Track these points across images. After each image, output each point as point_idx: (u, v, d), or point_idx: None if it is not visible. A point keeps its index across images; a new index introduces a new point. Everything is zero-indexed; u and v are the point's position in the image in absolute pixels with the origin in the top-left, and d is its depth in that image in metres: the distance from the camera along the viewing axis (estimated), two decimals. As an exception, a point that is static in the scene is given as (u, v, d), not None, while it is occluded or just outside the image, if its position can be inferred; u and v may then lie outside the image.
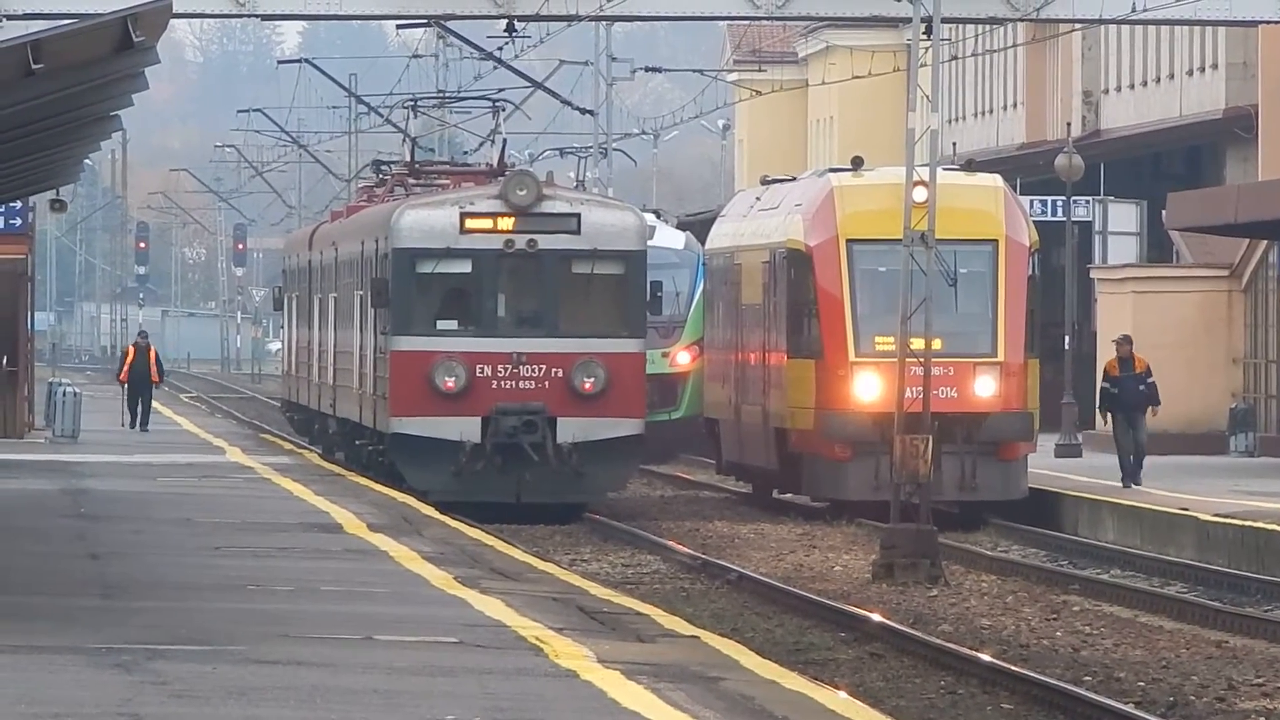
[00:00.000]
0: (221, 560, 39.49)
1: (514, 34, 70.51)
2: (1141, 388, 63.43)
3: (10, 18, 55.00)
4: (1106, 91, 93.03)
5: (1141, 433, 63.07)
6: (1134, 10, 63.11)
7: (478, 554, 42.44)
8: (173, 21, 42.22)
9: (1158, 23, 69.58)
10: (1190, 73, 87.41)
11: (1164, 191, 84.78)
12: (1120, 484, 61.98)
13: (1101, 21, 73.18)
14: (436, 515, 51.37)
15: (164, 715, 22.62)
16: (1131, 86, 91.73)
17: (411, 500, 55.25)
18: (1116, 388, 64.47)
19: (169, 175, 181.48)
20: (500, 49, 78.01)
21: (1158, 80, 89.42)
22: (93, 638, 28.38)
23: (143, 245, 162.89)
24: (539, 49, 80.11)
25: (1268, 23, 65.30)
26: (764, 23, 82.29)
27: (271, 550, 41.48)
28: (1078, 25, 78.43)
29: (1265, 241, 78.64)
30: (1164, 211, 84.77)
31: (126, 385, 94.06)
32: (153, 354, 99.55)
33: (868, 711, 26.07)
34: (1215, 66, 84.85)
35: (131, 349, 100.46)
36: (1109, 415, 66.46)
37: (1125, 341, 68.17)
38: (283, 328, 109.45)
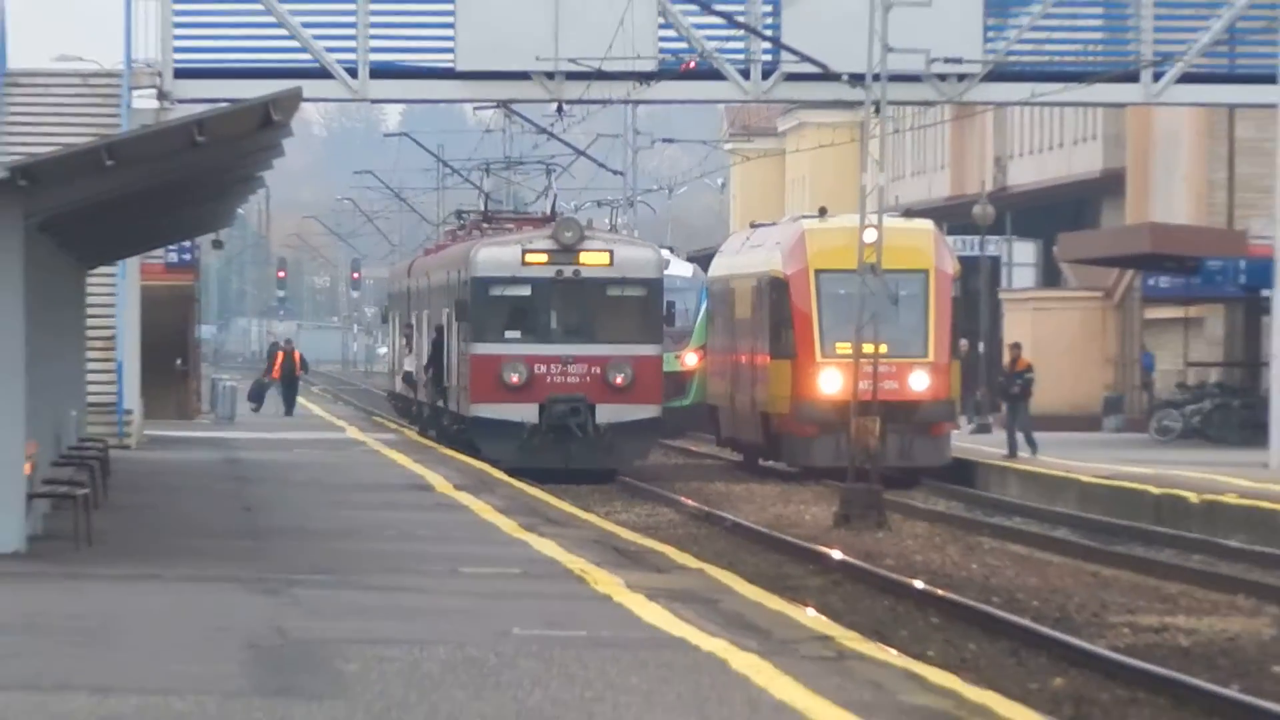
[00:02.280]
0: (342, 512, 39.47)
1: (562, 113, 70.30)
2: (1019, 382, 63.62)
3: (180, 101, 54.90)
4: (1012, 156, 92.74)
5: (1020, 416, 63.28)
6: (1031, 95, 63.15)
7: (536, 507, 42.41)
8: (302, 103, 42.18)
9: (1049, 104, 69.27)
10: (1075, 142, 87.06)
11: (1055, 232, 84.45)
12: (1006, 454, 62.27)
13: (1007, 104, 73.09)
14: (505, 478, 51.25)
15: (302, 628, 22.79)
16: (1031, 153, 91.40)
17: (486, 467, 55.09)
18: (1005, 381, 64.69)
19: (302, 221, 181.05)
20: (552, 124, 77.66)
21: (1050, 148, 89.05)
22: (246, 570, 28.43)
23: (282, 274, 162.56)
24: (581, 124, 79.77)
25: (1132, 104, 65.18)
26: (751, 104, 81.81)
27: (379, 505, 41.44)
28: (990, 106, 78.11)
29: (1130, 270, 78.39)
30: (1055, 248, 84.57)
31: (279, 380, 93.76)
32: (297, 356, 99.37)
33: (830, 624, 26.12)
34: (1094, 137, 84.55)
35: (280, 353, 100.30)
36: (1002, 402, 67.27)
37: (1014, 348, 68.51)
38: (388, 337, 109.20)
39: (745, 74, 59.91)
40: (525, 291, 63.33)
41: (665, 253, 74.84)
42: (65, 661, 19.85)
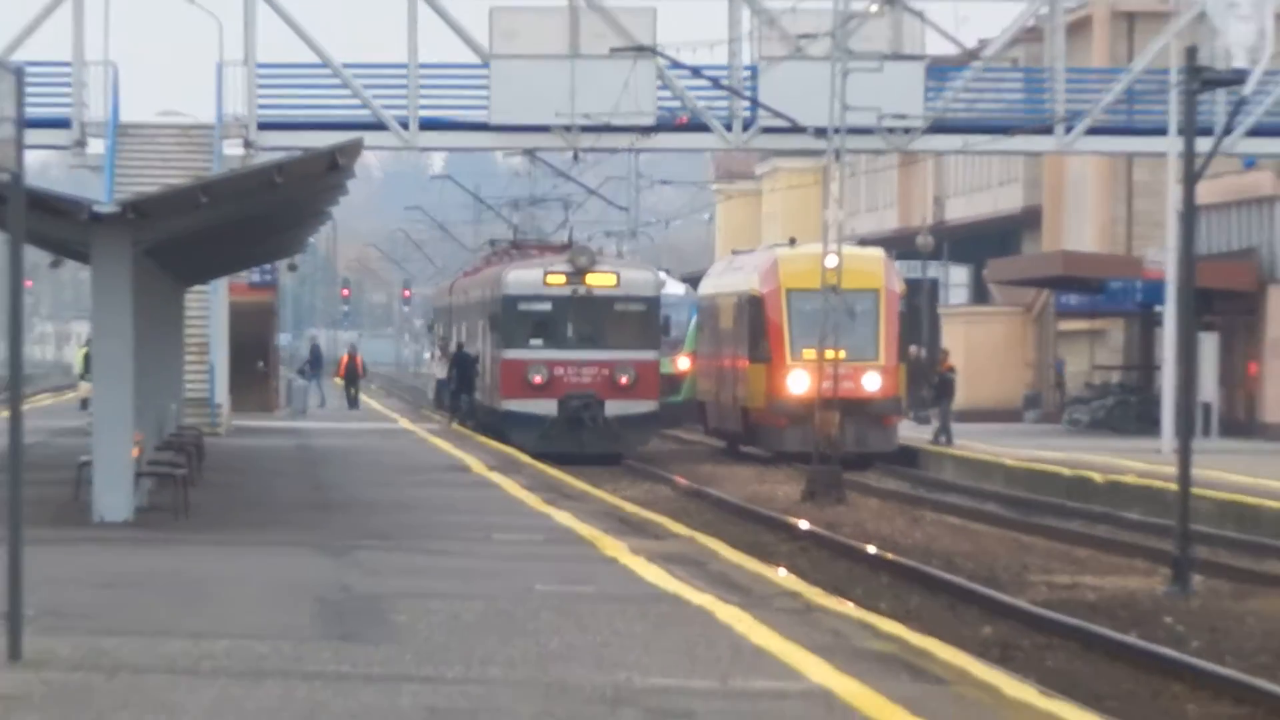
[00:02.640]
0: (394, 488, 39.38)
1: (577, 159, 70.28)
2: (939, 380, 63.69)
3: (263, 149, 54.87)
4: (948, 196, 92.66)
5: (943, 411, 63.38)
6: (964, 145, 63.17)
7: (555, 485, 42.34)
8: (362, 151, 42.20)
9: (979, 153, 69.21)
10: (1001, 184, 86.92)
11: (984, 258, 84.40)
12: (932, 441, 62.35)
13: (944, 152, 73.16)
14: (529, 461, 51.17)
15: (362, 584, 22.75)
16: (964, 192, 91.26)
17: (514, 452, 54.99)
18: (936, 380, 64.69)
19: (362, 248, 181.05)
20: (569, 168, 77.64)
21: (980, 189, 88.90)
22: (315, 536, 28.39)
23: (345, 292, 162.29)
24: (593, 168, 79.77)
25: (1047, 153, 65.11)
26: (734, 152, 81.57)
27: (426, 483, 41.35)
28: (930, 154, 78.05)
29: (1046, 290, 78.32)
30: (984, 271, 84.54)
31: (344, 381, 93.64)
32: (359, 359, 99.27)
33: (798, 582, 26.05)
34: (1016, 180, 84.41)
35: (345, 357, 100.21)
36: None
37: (943, 353, 68.77)
38: (433, 344, 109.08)
39: (728, 127, 59.86)
40: (546, 307, 63.20)
41: (662, 275, 74.68)
42: (166, 612, 19.93)
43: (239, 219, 36.59)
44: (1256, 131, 55.52)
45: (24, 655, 15.41)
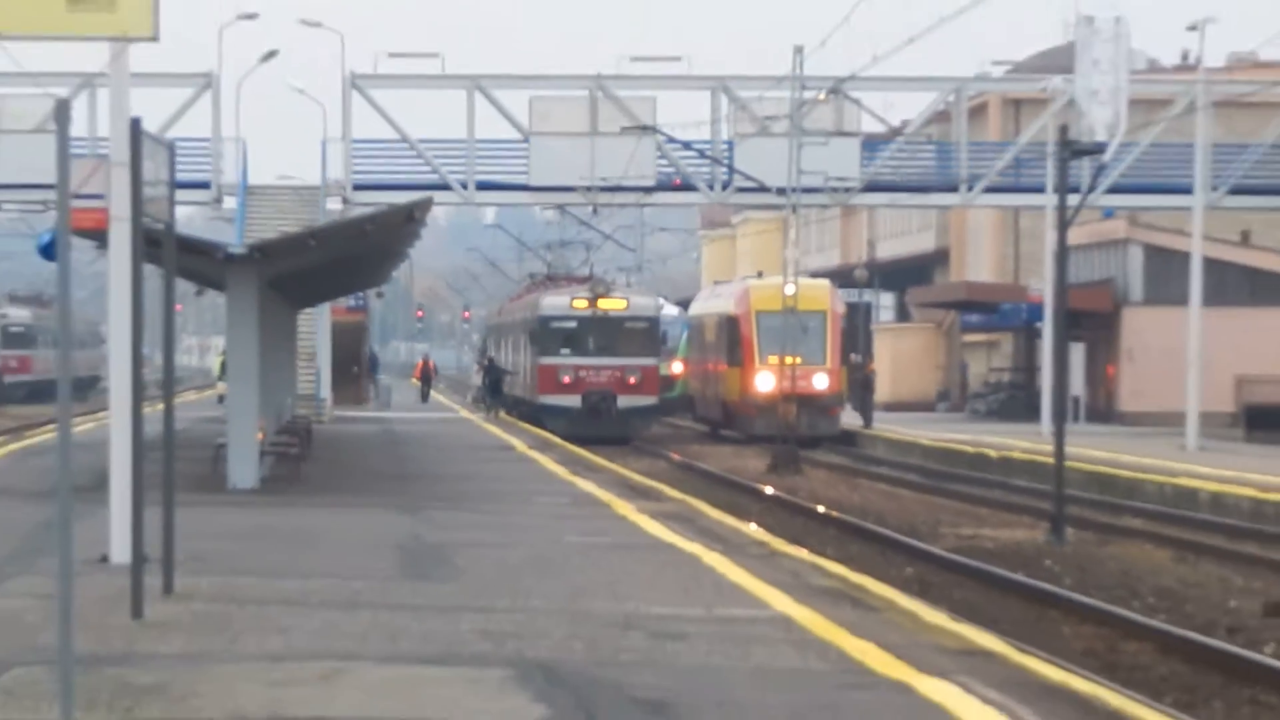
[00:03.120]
0: (455, 463, 39.28)
1: (595, 212, 70.11)
2: (862, 378, 63.56)
3: (356, 204, 54.85)
4: (879, 239, 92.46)
5: (866, 403, 63.27)
6: (891, 201, 63.18)
7: (579, 460, 42.28)
8: (432, 206, 42.19)
9: (902, 206, 68.98)
10: (919, 230, 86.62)
11: (906, 287, 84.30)
12: (863, 425, 62.25)
13: (875, 206, 73.10)
14: (560, 442, 51.07)
15: (431, 536, 22.68)
16: (891, 236, 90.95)
17: (548, 435, 54.91)
18: (859, 378, 64.24)
19: (432, 280, 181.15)
20: (589, 218, 77.65)
21: (904, 233, 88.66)
22: (396, 499, 28.35)
23: (420, 314, 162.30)
24: (609, 218, 79.67)
25: (953, 206, 64.94)
26: (715, 206, 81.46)
27: (480, 459, 41.24)
28: (865, 207, 77.99)
29: (953, 311, 78.20)
30: (906, 297, 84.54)
31: (420, 381, 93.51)
32: (431, 364, 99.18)
33: (765, 534, 26.01)
34: (931, 227, 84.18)
35: (421, 362, 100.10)
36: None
37: (867, 358, 68.72)
38: (477, 359, 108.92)
39: (711, 187, 59.69)
40: (573, 324, 63.03)
41: (660, 300, 74.63)
42: (282, 557, 19.99)
43: (338, 258, 36.60)
44: (1113, 190, 55.36)
45: (175, 590, 15.44)
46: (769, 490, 41.19)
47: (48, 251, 22.98)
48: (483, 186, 59.80)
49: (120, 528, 16.77)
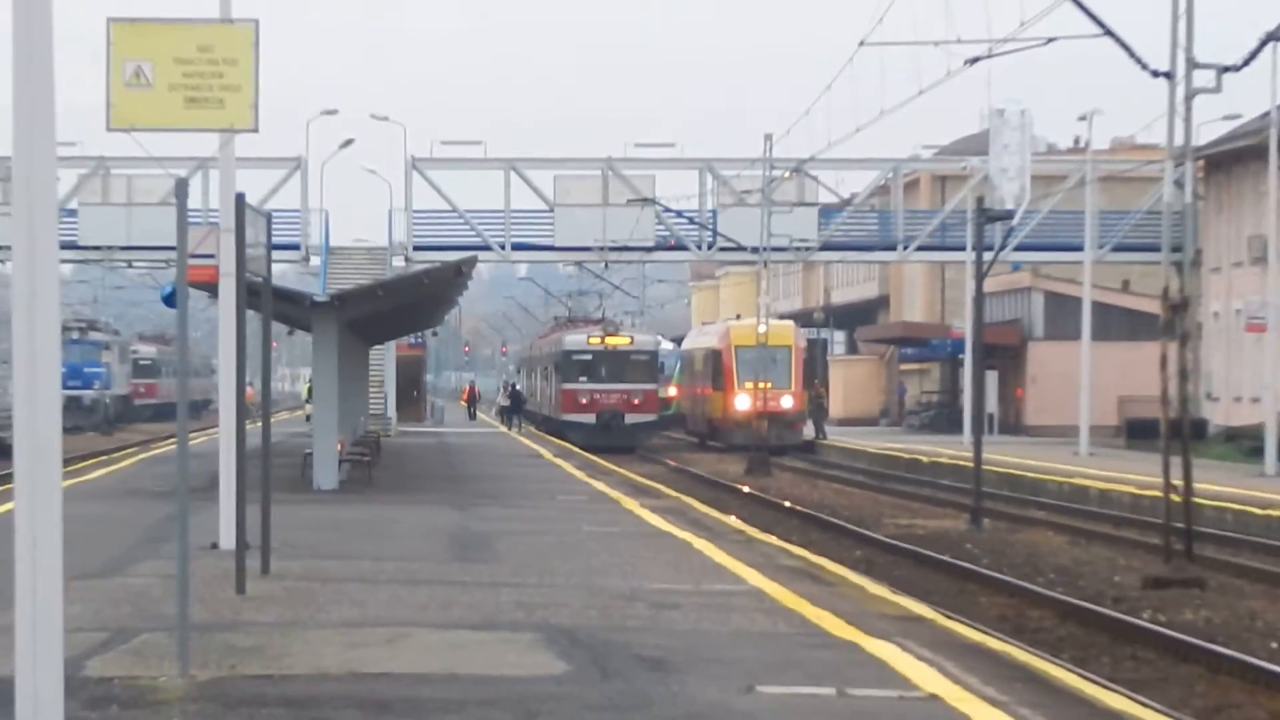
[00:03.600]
0: (494, 467, 39.13)
1: (606, 267, 69.93)
2: (815, 399, 63.19)
3: (416, 262, 54.79)
4: (834, 287, 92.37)
5: (819, 420, 62.74)
6: (843, 258, 63.13)
7: (593, 466, 42.14)
8: (476, 263, 42.26)
9: (852, 261, 68.95)
10: (864, 280, 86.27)
11: (854, 326, 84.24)
12: (819, 437, 62.01)
13: (830, 261, 72.99)
14: (579, 451, 50.90)
15: (476, 526, 22.55)
16: (843, 285, 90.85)
17: (570, 446, 54.84)
18: (814, 399, 63.72)
19: (477, 321, 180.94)
20: (602, 272, 77.55)
21: (853, 283, 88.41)
22: (447, 497, 28.34)
23: (466, 349, 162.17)
24: (617, 272, 79.50)
25: (892, 262, 64.82)
26: (702, 262, 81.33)
27: (513, 464, 41.09)
28: (823, 263, 77.91)
29: (892, 345, 78.07)
30: (854, 334, 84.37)
31: (467, 402, 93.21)
32: (476, 389, 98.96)
33: (743, 525, 25.82)
34: (874, 278, 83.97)
35: (467, 387, 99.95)
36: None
37: (821, 383, 68.55)
38: (502, 386, 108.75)
39: (699, 247, 59.75)
40: (589, 357, 62.69)
41: (659, 337, 74.58)
42: (356, 543, 19.91)
43: (401, 305, 36.65)
44: (1019, 248, 55.41)
45: (271, 571, 15.41)
46: (745, 489, 41.04)
47: (169, 300, 22.95)
48: (517, 247, 59.98)
49: (227, 520, 16.77)
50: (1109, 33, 22.76)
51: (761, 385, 53.81)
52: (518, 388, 79.66)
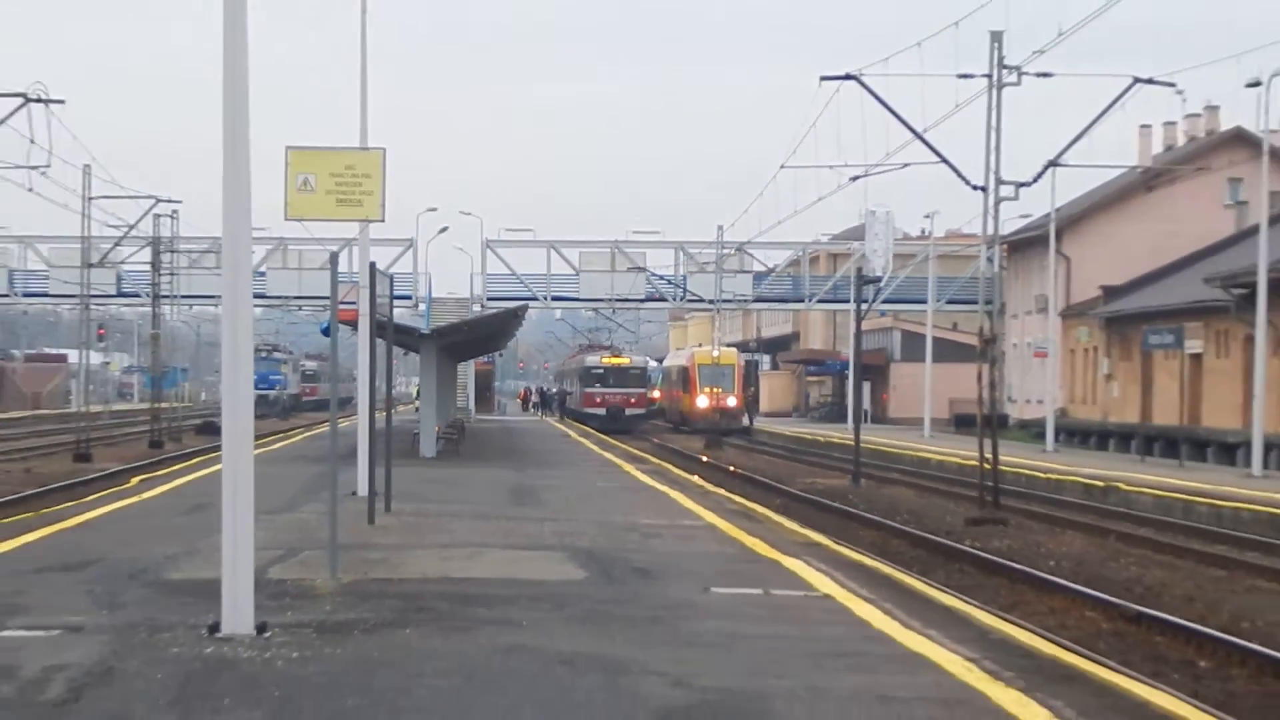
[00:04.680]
0: (538, 443, 38.72)
1: (613, 311, 69.74)
2: (748, 400, 62.87)
3: (488, 309, 54.62)
4: (763, 326, 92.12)
5: (751, 414, 61.43)
6: (769, 307, 63.22)
7: (604, 442, 41.84)
8: (528, 309, 42.02)
9: (775, 309, 68.75)
10: (783, 322, 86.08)
11: (776, 352, 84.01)
12: (748, 425, 61.59)
13: (760, 309, 72.77)
14: (594, 432, 50.56)
15: (527, 482, 22.25)
16: (770, 325, 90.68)
17: (588, 429, 54.55)
18: (749, 400, 63.30)
19: (528, 346, 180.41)
20: (612, 315, 77.33)
21: (776, 323, 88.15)
22: (507, 463, 27.98)
23: (521, 365, 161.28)
24: (620, 315, 79.26)
25: (802, 309, 64.77)
26: (676, 308, 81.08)
27: (551, 441, 40.78)
28: (756, 310, 77.78)
29: (801, 364, 77.85)
30: (777, 357, 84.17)
31: (522, 401, 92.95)
32: (530, 391, 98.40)
33: (703, 481, 25.77)
34: (790, 320, 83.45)
35: (523, 391, 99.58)
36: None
37: (752, 390, 68.08)
38: (534, 391, 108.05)
39: (674, 300, 59.72)
40: (601, 371, 62.32)
41: (647, 358, 74.31)
42: (447, 492, 19.63)
43: (478, 336, 36.57)
44: (885, 301, 55.40)
45: (391, 510, 15.25)
46: (704, 458, 40.73)
47: (326, 331, 22.93)
48: (554, 298, 59.96)
49: (362, 476, 16.71)
50: (945, 160, 22.83)
51: (715, 390, 53.79)
52: (545, 390, 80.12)
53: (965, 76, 21.90)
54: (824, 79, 22.96)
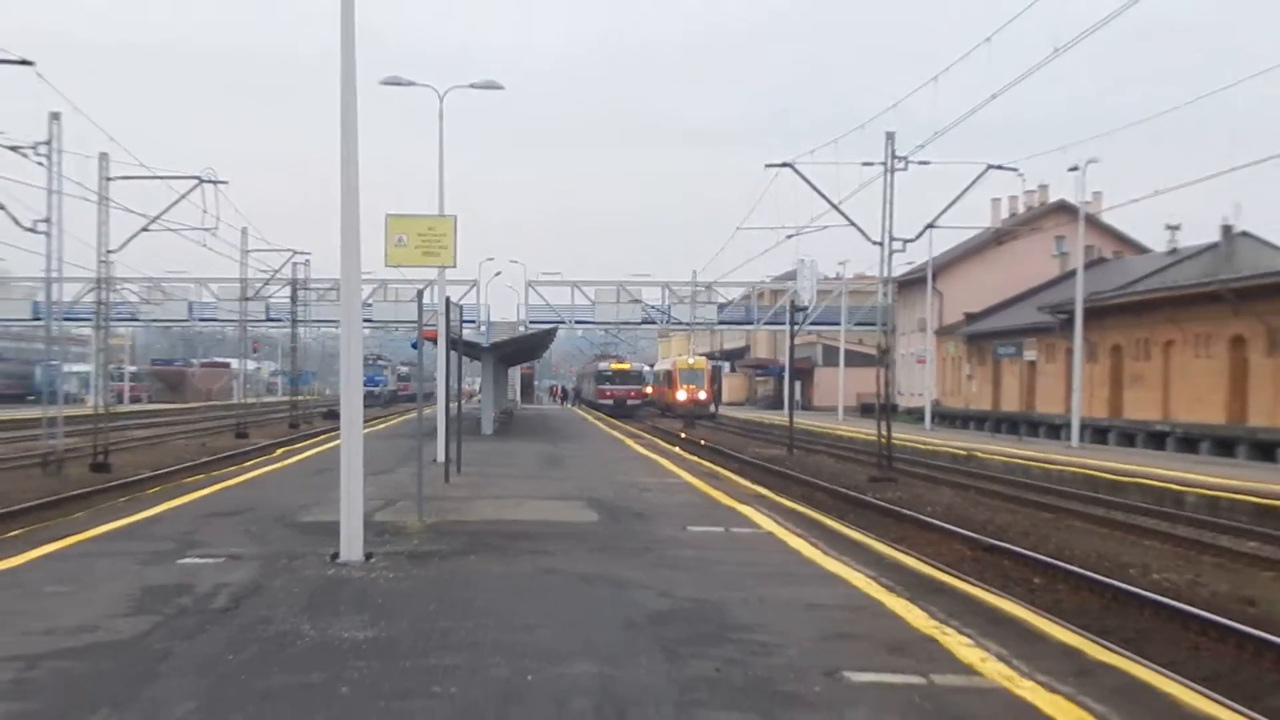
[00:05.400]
0: (565, 425, 38.29)
1: (619, 332, 68.95)
2: (714, 394, 62.04)
3: (529, 329, 54.04)
4: (725, 342, 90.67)
5: (716, 405, 59.74)
6: (728, 328, 62.56)
7: (611, 424, 41.76)
8: (558, 332, 41.67)
9: (731, 329, 68.39)
10: (739, 339, 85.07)
11: (734, 360, 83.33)
12: (714, 413, 61.19)
13: (721, 329, 72.25)
14: (605, 418, 50.46)
15: (557, 452, 21.94)
16: (729, 341, 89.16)
17: (601, 415, 54.32)
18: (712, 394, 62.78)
19: (560, 356, 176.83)
20: (616, 333, 76.61)
21: (733, 340, 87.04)
22: (542, 438, 27.61)
23: (555, 369, 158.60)
24: (625, 332, 78.56)
25: (752, 330, 64.13)
26: (662, 328, 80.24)
27: (572, 425, 40.42)
28: (719, 330, 77.03)
29: (750, 369, 77.40)
30: (735, 364, 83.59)
31: (555, 394, 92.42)
32: (559, 388, 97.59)
33: (683, 454, 25.60)
34: (743, 338, 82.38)
35: (555, 387, 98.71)
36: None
37: (718, 387, 65.36)
38: (555, 388, 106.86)
39: (661, 322, 59.21)
40: (610, 373, 62.08)
41: (643, 364, 73.89)
42: (501, 460, 19.19)
43: (523, 348, 36.39)
44: (812, 324, 54.91)
45: (461, 472, 15.15)
46: (682, 435, 40.46)
47: (414, 346, 22.97)
48: (577, 322, 58.92)
49: (441, 448, 16.63)
50: (853, 224, 22.84)
51: (690, 387, 53.59)
52: (567, 387, 79.66)
53: (867, 164, 22.50)
54: (768, 165, 23.30)
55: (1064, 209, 42.76)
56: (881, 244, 21.82)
